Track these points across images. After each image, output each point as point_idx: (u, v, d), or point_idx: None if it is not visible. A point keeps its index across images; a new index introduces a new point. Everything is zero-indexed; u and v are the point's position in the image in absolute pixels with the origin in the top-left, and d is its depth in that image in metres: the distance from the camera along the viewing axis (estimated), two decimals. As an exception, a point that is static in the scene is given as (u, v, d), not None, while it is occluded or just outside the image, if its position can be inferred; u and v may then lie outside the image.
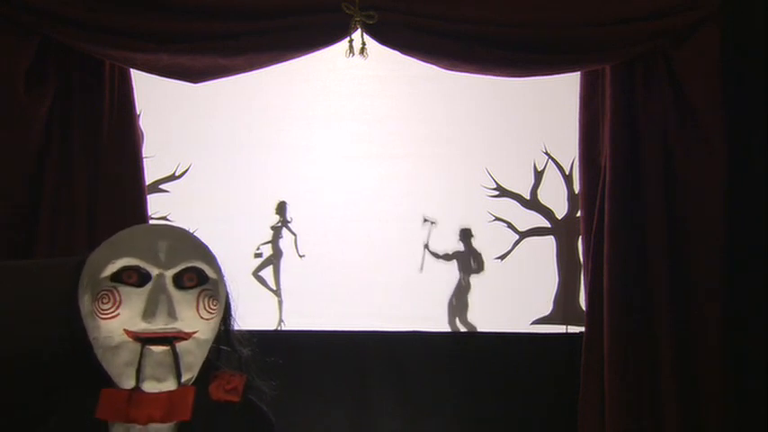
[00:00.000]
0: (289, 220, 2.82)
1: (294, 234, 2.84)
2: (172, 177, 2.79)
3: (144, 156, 2.62)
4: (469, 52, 2.54)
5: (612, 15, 2.56)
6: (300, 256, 2.82)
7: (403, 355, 2.77)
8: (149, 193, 2.64)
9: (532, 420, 2.74)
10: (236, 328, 1.36)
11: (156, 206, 2.71)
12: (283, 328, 2.80)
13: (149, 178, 2.66)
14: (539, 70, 2.63)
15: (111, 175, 2.53)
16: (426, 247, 2.83)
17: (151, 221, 2.62)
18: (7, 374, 1.31)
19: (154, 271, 1.21)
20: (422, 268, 2.83)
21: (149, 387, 1.18)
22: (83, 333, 1.24)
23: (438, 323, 2.83)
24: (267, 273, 2.85)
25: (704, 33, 2.57)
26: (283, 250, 2.85)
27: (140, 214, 2.55)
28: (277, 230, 2.84)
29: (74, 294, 1.26)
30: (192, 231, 1.35)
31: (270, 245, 2.85)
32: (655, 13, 2.55)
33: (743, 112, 2.60)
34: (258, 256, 2.83)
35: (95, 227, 2.50)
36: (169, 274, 1.22)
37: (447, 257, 2.85)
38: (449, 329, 2.83)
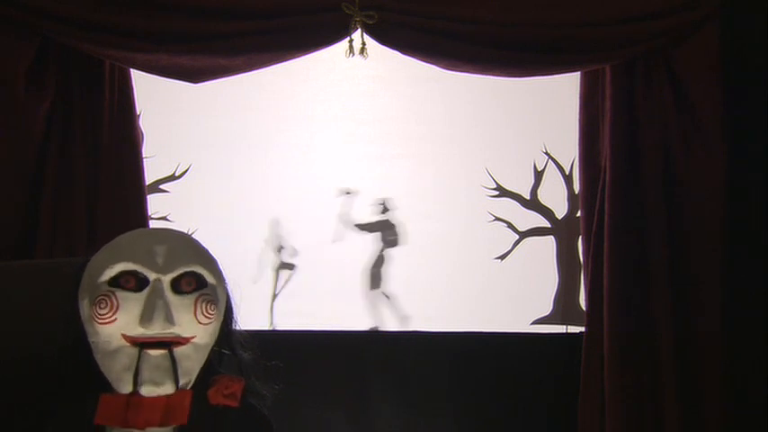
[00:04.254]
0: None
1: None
2: (172, 177, 2.79)
3: (144, 156, 2.62)
4: (469, 52, 2.54)
5: (612, 15, 2.56)
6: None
7: (403, 355, 2.77)
8: (149, 193, 2.63)
9: (532, 420, 2.74)
10: (237, 330, 1.35)
11: (156, 206, 2.71)
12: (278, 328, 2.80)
13: (149, 178, 2.66)
14: (539, 70, 2.62)
15: (111, 175, 2.52)
16: (342, 218, 2.82)
17: (151, 221, 2.62)
18: (7, 375, 1.31)
19: (151, 275, 1.21)
20: (336, 240, 2.82)
21: (147, 391, 1.18)
22: (83, 336, 1.24)
23: (438, 323, 2.83)
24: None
25: (704, 33, 2.57)
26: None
27: (140, 214, 2.55)
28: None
29: (74, 297, 1.26)
30: (191, 233, 1.35)
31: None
32: (655, 13, 2.55)
33: (743, 112, 2.60)
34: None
35: (95, 227, 2.49)
36: (167, 278, 1.21)
37: (367, 228, 2.84)
38: (452, 329, 2.83)
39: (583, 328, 2.69)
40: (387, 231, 2.85)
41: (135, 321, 1.19)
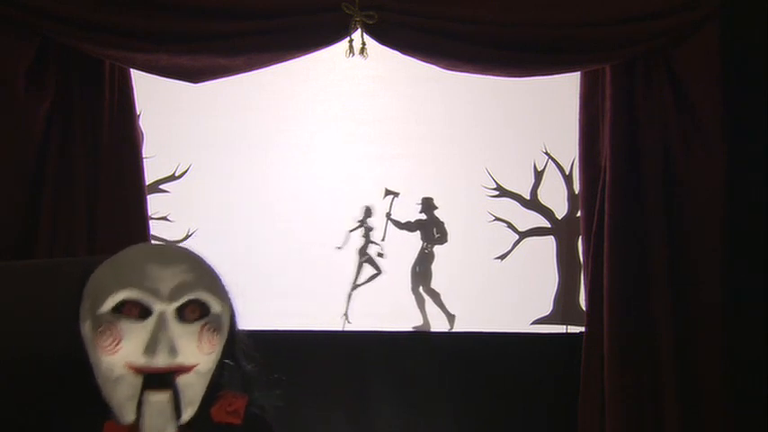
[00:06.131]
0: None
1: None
2: (172, 177, 2.79)
3: (144, 156, 2.62)
4: (469, 52, 2.54)
5: (612, 15, 2.56)
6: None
7: (403, 355, 2.77)
8: (149, 193, 2.64)
9: (532, 420, 2.74)
10: (241, 341, 1.34)
11: (156, 206, 2.71)
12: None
13: (149, 178, 2.66)
14: (539, 70, 2.63)
15: (111, 175, 2.53)
16: (388, 216, 2.82)
17: (151, 221, 2.62)
18: (7, 375, 1.31)
19: (156, 305, 1.18)
20: (384, 238, 2.82)
21: None
22: (84, 355, 1.22)
23: (438, 323, 2.83)
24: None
25: (704, 33, 2.57)
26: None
27: (140, 214, 2.55)
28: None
29: (77, 302, 1.24)
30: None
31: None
32: (655, 13, 2.55)
33: (743, 112, 2.60)
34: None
35: (95, 227, 2.50)
36: (171, 307, 1.18)
37: (410, 227, 2.85)
38: (453, 329, 2.84)
39: (583, 328, 2.70)
40: (430, 229, 2.85)
41: (138, 351, 1.16)
